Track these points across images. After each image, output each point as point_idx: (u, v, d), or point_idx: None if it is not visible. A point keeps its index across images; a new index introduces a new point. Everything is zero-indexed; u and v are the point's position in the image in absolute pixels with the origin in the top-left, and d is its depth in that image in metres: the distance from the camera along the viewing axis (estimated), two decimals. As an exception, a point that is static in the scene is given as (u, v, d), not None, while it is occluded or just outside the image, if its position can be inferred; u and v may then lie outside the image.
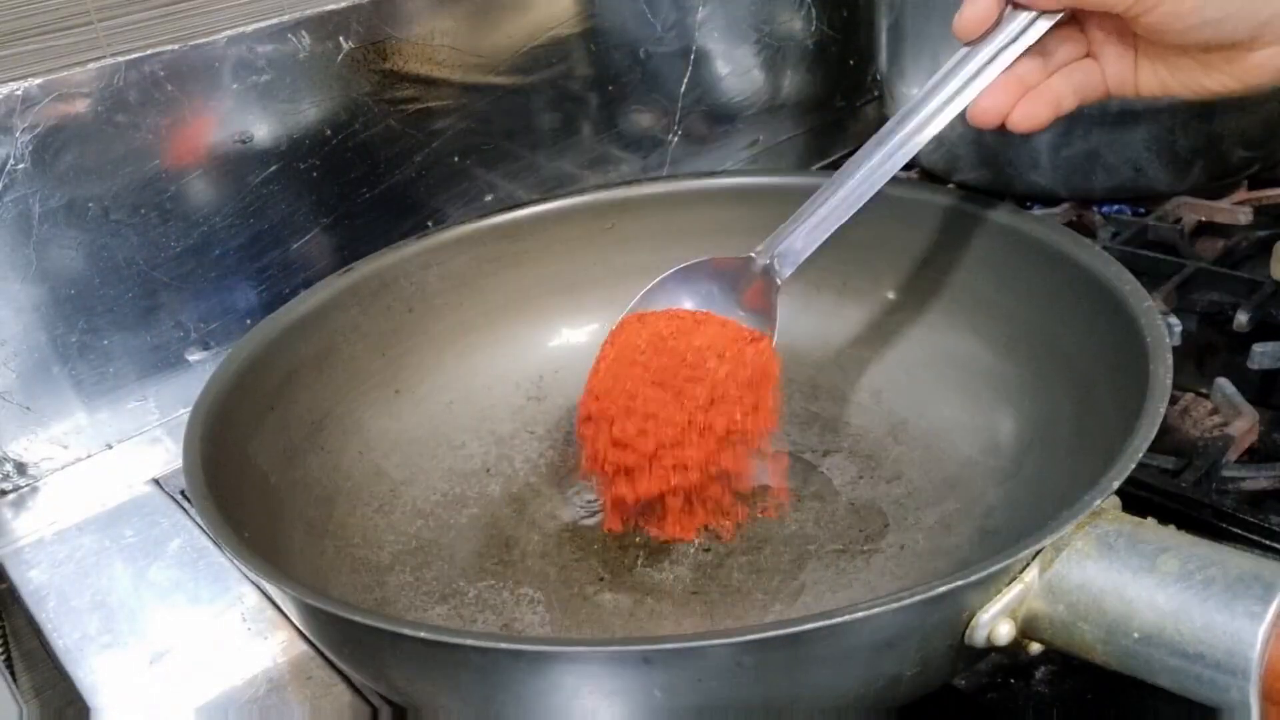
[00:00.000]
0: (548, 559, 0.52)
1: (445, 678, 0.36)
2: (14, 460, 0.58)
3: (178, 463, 0.55)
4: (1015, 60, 0.47)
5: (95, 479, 0.60)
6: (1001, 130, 0.48)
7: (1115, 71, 0.48)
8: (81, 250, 0.56)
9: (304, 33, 0.61)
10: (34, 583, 0.54)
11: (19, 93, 0.53)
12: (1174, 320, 0.58)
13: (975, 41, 0.47)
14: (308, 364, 0.55)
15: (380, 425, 0.57)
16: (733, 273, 0.54)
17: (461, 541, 0.53)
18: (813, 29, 0.88)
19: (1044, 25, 0.46)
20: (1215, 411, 0.55)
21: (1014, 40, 0.47)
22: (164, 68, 0.57)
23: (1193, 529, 0.35)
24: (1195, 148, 0.70)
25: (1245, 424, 0.52)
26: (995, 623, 0.34)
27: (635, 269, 0.64)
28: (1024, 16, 0.46)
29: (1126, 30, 0.46)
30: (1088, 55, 0.48)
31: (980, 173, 0.76)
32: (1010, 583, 0.34)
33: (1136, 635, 0.33)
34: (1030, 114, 0.48)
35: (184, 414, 0.47)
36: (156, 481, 0.61)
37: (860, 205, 0.51)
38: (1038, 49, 0.47)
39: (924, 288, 0.59)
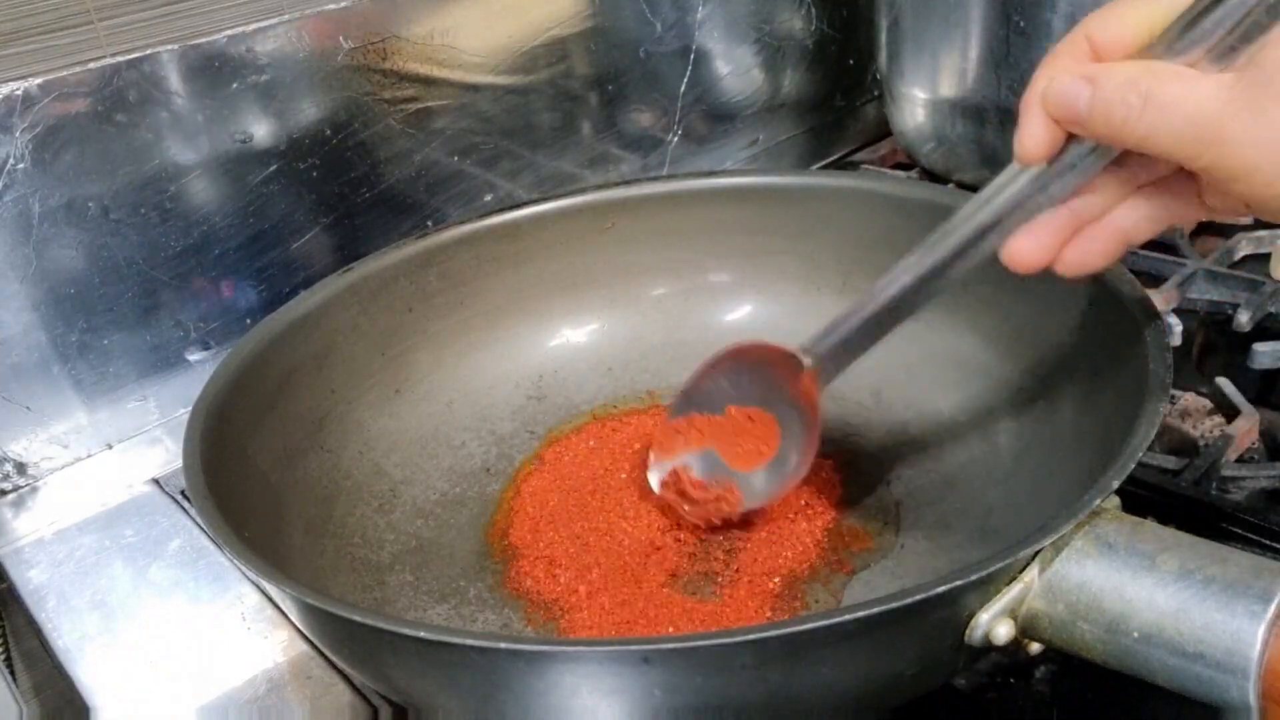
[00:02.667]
0: (548, 559, 0.52)
1: (445, 677, 0.36)
2: (14, 460, 0.58)
3: (178, 463, 0.55)
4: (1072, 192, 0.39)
5: (95, 479, 0.60)
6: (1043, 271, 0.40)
7: (1182, 199, 0.39)
8: (81, 250, 0.56)
9: (304, 33, 0.61)
10: (34, 582, 0.54)
11: (19, 93, 0.53)
12: (1174, 320, 0.58)
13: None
14: (308, 364, 0.55)
15: (380, 425, 0.57)
16: (782, 364, 0.51)
17: (461, 541, 0.53)
18: (813, 29, 0.88)
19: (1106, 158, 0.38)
20: (1215, 411, 0.55)
21: (1071, 170, 0.39)
22: (164, 68, 0.57)
23: (1193, 529, 0.35)
24: (1195, 147, 0.70)
25: (1245, 424, 0.52)
26: (995, 622, 0.34)
27: (635, 269, 0.65)
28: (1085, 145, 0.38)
29: None
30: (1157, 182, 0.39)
31: (980, 173, 0.76)
32: (1010, 582, 0.34)
33: (1136, 634, 0.33)
34: (1083, 257, 0.39)
35: (184, 414, 0.47)
36: (156, 481, 0.61)
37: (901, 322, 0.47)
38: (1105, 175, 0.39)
39: (924, 287, 0.59)
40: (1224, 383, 0.55)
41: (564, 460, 0.58)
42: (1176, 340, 0.57)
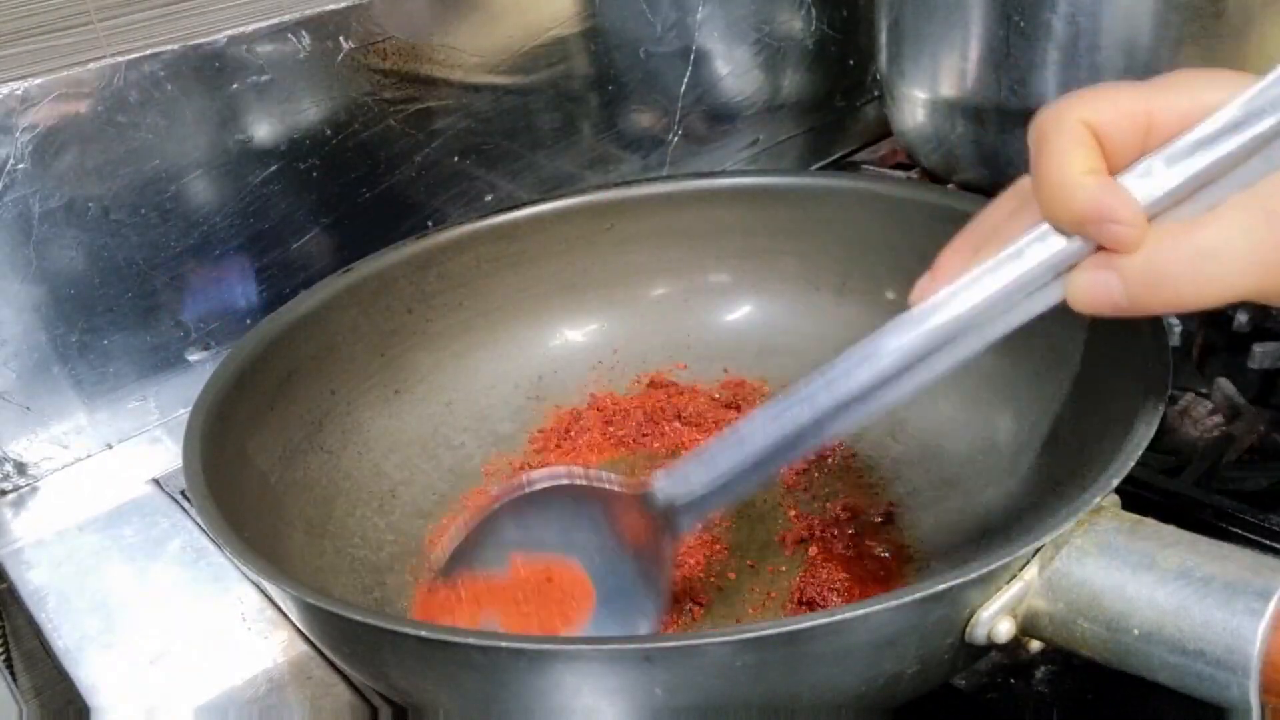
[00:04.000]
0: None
1: (445, 677, 0.36)
2: (14, 460, 0.58)
3: (178, 463, 0.55)
4: None
5: (95, 479, 0.60)
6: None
7: None
8: (81, 250, 0.56)
9: (304, 33, 0.61)
10: (34, 583, 0.54)
11: (19, 93, 0.53)
12: (1174, 320, 0.58)
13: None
14: (307, 364, 0.55)
15: (380, 425, 0.57)
16: (620, 506, 0.41)
17: (461, 541, 0.53)
18: (813, 29, 0.88)
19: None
20: (1215, 411, 0.55)
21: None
22: (164, 68, 0.57)
23: (1193, 529, 0.34)
24: (1195, 148, 0.70)
25: (1245, 424, 0.52)
26: (995, 621, 0.34)
27: (635, 269, 0.65)
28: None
29: None
30: None
31: (980, 173, 0.76)
32: (1010, 581, 0.34)
33: (1136, 632, 0.33)
34: None
35: (184, 414, 0.47)
36: (156, 481, 0.61)
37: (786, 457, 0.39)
38: None
39: (924, 287, 0.59)
40: (1224, 383, 0.55)
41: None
42: (1176, 340, 0.57)
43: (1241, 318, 0.58)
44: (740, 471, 0.39)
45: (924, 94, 0.78)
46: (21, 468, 0.58)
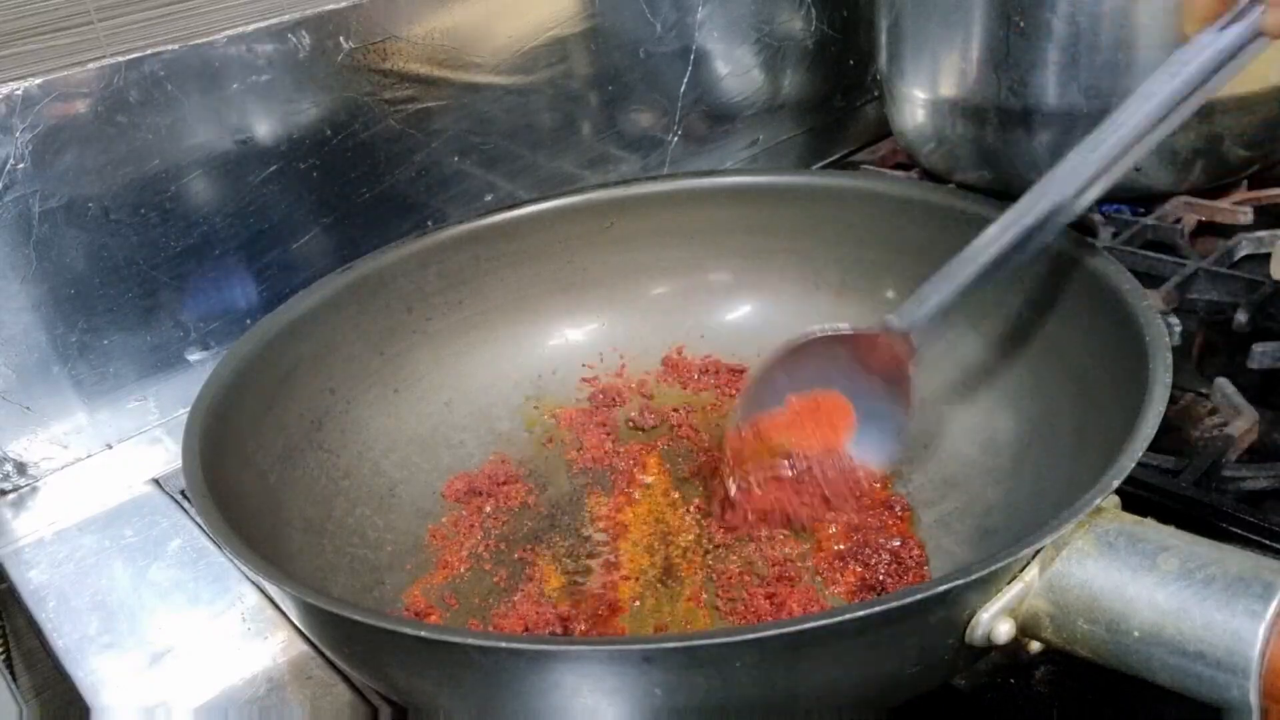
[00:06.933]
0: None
1: (445, 677, 0.36)
2: (14, 460, 0.58)
3: (178, 463, 0.55)
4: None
5: (95, 479, 0.60)
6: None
7: None
8: (81, 250, 0.56)
9: (304, 33, 0.61)
10: (34, 583, 0.54)
11: (19, 93, 0.53)
12: (1174, 320, 0.58)
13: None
14: (306, 363, 0.55)
15: (379, 424, 0.57)
16: (864, 345, 0.51)
17: (461, 541, 0.53)
18: (813, 29, 0.88)
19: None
20: (1215, 411, 0.55)
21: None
22: (164, 68, 0.57)
23: (1193, 529, 0.35)
24: (1195, 148, 0.70)
25: (1245, 424, 0.52)
26: (995, 622, 0.34)
27: (634, 268, 0.65)
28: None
29: None
30: None
31: (980, 173, 0.76)
32: (1010, 582, 0.34)
33: (1137, 634, 0.33)
34: None
35: (184, 414, 0.47)
36: (156, 481, 0.61)
37: (995, 257, 0.47)
38: None
39: (924, 287, 0.59)
40: (1224, 383, 0.55)
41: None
42: (1176, 340, 0.57)
43: (1241, 318, 0.58)
44: (967, 287, 0.47)
45: (924, 94, 0.78)
46: (21, 468, 0.58)
